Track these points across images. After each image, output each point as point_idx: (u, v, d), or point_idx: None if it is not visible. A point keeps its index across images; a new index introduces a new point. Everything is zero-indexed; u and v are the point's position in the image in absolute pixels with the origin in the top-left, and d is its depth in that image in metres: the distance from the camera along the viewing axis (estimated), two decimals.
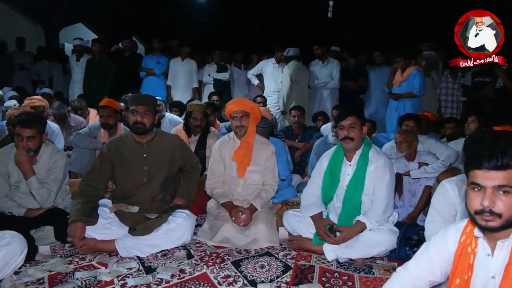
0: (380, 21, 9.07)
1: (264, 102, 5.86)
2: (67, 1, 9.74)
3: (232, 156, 3.13)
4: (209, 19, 10.41)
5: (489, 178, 1.33)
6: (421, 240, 2.63)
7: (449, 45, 4.07)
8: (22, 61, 7.54)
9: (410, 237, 2.73)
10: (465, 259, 1.47)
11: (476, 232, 1.45)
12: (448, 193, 2.06)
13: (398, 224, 2.83)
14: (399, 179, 3.26)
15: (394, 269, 2.54)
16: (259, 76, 6.89)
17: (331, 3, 5.95)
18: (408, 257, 2.56)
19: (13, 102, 4.93)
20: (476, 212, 1.37)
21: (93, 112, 5.50)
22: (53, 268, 2.44)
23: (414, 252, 2.46)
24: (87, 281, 2.32)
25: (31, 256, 2.53)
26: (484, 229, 1.39)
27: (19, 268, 2.36)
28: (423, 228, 2.39)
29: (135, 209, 2.82)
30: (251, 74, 6.90)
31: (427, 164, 3.26)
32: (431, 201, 2.15)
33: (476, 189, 1.37)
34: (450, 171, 2.80)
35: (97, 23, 11.17)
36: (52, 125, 4.56)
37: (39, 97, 4.84)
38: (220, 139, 3.36)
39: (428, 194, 3.11)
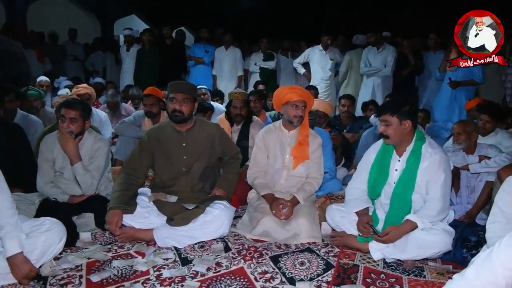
0: (435, 4, 8.48)
1: (316, 94, 5.64)
2: None
3: (290, 151, 2.95)
4: (256, 7, 10.28)
5: None
6: (480, 242, 2.37)
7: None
8: (75, 52, 7.89)
9: (468, 238, 2.47)
10: None
11: None
12: None
13: (454, 223, 2.56)
14: (456, 173, 2.98)
15: (448, 272, 2.33)
16: (306, 65, 6.65)
17: None
18: (464, 260, 2.34)
19: (66, 90, 5.10)
20: None
21: None
22: (91, 256, 2.45)
23: (472, 255, 2.25)
24: (123, 270, 2.30)
25: (72, 242, 2.56)
26: None
27: (59, 254, 2.38)
28: (483, 229, 2.13)
29: (174, 198, 2.77)
30: (297, 62, 6.67)
31: (488, 158, 2.95)
32: (495, 199, 1.89)
33: None
34: None
35: (149, 15, 11.43)
36: (100, 113, 4.66)
37: (85, 85, 4.97)
38: (264, 128, 3.22)
39: (489, 190, 2.80)
